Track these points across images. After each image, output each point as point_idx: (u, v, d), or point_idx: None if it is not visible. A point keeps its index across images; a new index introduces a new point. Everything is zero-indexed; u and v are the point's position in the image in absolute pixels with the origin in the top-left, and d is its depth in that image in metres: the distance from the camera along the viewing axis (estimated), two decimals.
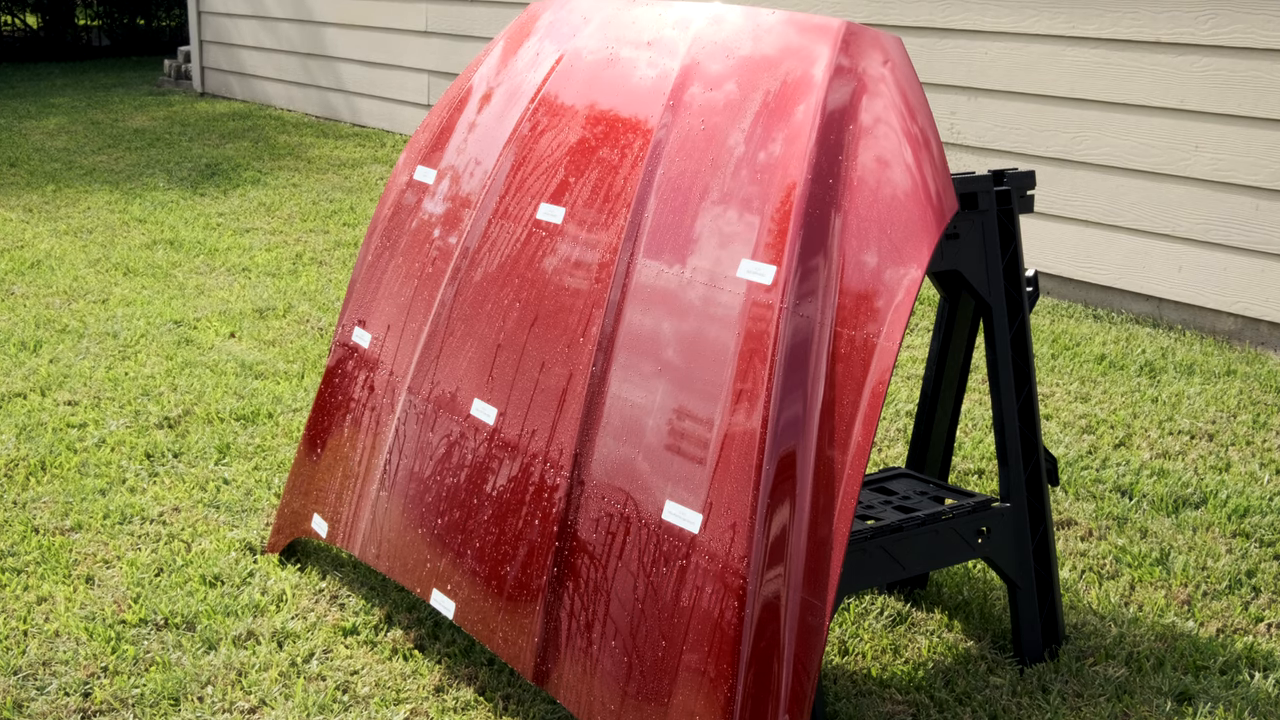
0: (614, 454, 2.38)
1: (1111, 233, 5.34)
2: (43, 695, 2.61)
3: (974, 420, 4.09)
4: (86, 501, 3.43)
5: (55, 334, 4.80)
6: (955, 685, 2.68)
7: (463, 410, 2.67)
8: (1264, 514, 3.48)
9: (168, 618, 2.88)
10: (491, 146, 2.84)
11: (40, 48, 14.95)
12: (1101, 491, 3.60)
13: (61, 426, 3.92)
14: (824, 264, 2.22)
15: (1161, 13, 5.01)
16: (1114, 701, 2.64)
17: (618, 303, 2.45)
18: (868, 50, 2.32)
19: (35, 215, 6.79)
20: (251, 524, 3.33)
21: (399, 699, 2.62)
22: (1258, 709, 2.63)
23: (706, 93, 2.50)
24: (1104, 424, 4.08)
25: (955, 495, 2.78)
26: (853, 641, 2.83)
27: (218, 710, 2.57)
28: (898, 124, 2.25)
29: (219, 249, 6.14)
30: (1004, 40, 5.54)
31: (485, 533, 2.57)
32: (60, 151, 8.65)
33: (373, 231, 3.07)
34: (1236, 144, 4.89)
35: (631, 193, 2.50)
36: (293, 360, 4.56)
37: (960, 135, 5.79)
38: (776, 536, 2.15)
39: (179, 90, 11.85)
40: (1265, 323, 4.91)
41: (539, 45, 2.91)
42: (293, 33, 10.38)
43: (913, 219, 2.19)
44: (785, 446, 2.17)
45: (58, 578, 3.06)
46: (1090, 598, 3.04)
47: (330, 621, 2.88)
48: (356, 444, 2.93)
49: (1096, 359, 4.70)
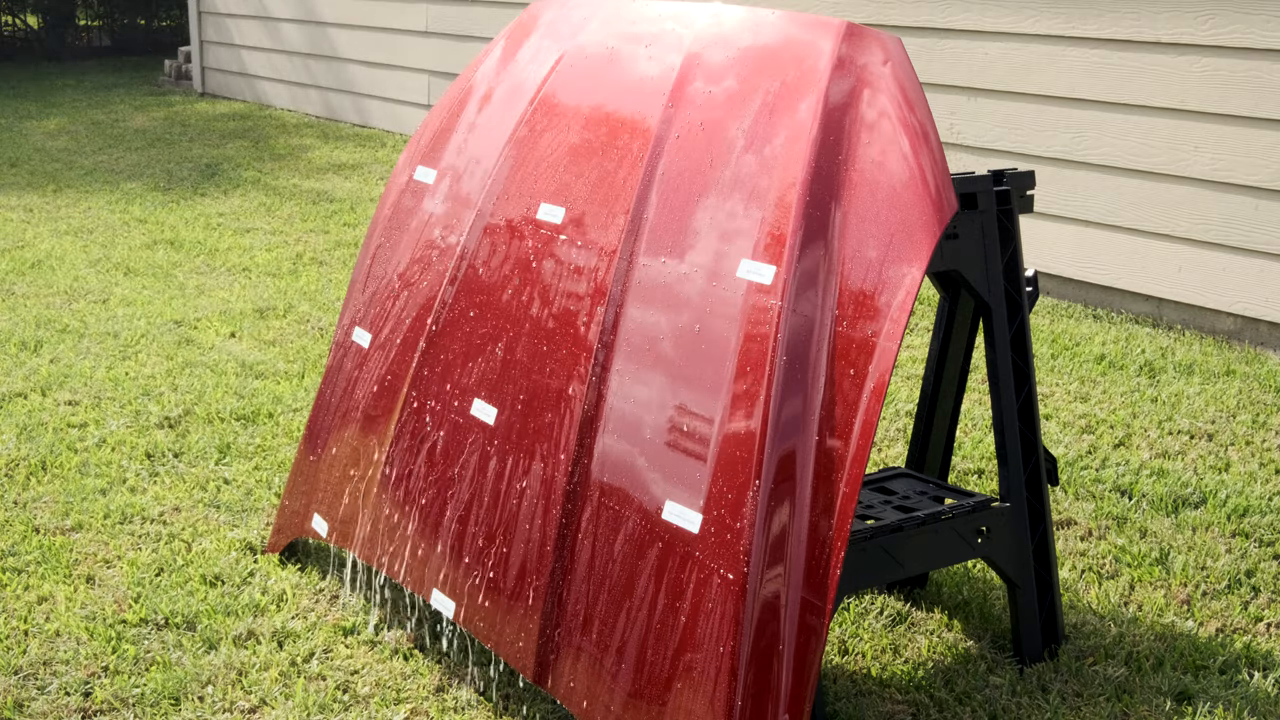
0: (614, 453, 2.39)
1: (1111, 233, 5.34)
2: (43, 695, 2.61)
3: (974, 420, 4.09)
4: (87, 501, 3.43)
5: (56, 334, 4.80)
6: (955, 685, 2.69)
7: (463, 410, 2.68)
8: (1263, 514, 3.48)
9: (168, 617, 2.89)
10: (492, 146, 2.84)
11: (41, 48, 14.95)
12: (1101, 491, 3.60)
13: (62, 426, 3.92)
14: (824, 263, 2.23)
15: (1161, 13, 5.01)
16: (1114, 701, 2.65)
17: (618, 302, 2.45)
18: (868, 49, 2.33)
19: (36, 215, 6.80)
20: (252, 524, 3.34)
21: (399, 699, 2.62)
22: (1257, 709, 2.63)
23: (708, 90, 2.50)
24: (1103, 424, 4.08)
25: (955, 495, 2.78)
26: (853, 641, 2.83)
27: (218, 710, 2.57)
28: (899, 122, 2.25)
29: (219, 249, 6.14)
30: (1004, 40, 5.55)
31: (485, 532, 2.57)
32: (61, 152, 8.65)
33: (373, 231, 3.08)
34: (1236, 144, 4.89)
35: (632, 192, 2.50)
36: (293, 360, 4.56)
37: (960, 135, 5.80)
38: (776, 536, 2.16)
39: (179, 90, 11.86)
40: (1265, 323, 4.91)
41: (539, 44, 2.91)
42: (293, 33, 10.38)
43: (913, 218, 2.19)
44: (785, 446, 2.17)
45: (58, 577, 3.06)
46: (1090, 597, 3.05)
47: (330, 621, 2.88)
48: (357, 444, 2.93)
49: (1096, 359, 4.70)
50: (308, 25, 10.18)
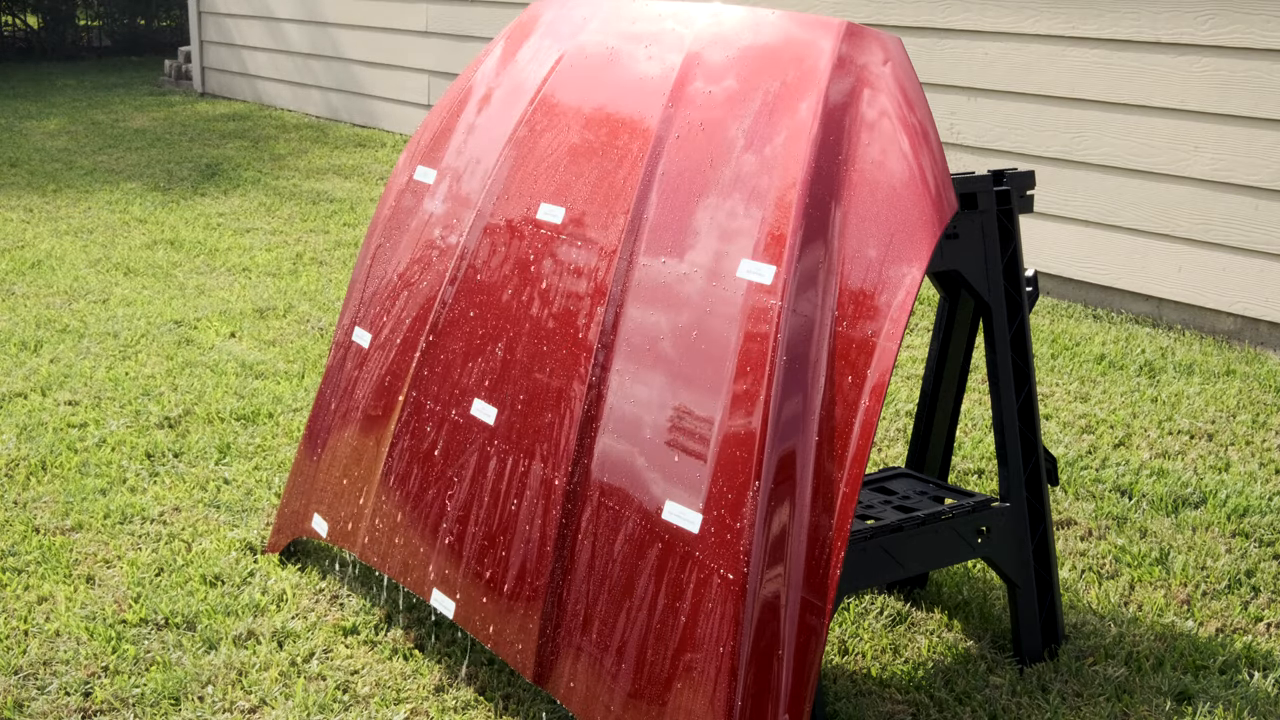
0: (614, 453, 2.39)
1: (1111, 233, 5.34)
2: (43, 695, 2.61)
3: (974, 420, 4.09)
4: (87, 501, 3.43)
5: (56, 334, 4.80)
6: (955, 685, 2.69)
7: (463, 410, 2.68)
8: (1263, 514, 3.48)
9: (168, 617, 2.89)
10: (492, 146, 2.84)
11: (41, 48, 14.95)
12: (1101, 491, 3.60)
13: (62, 426, 3.92)
14: (824, 263, 2.23)
15: (1161, 13, 5.01)
16: (1113, 701, 2.65)
17: (618, 302, 2.45)
18: (868, 48, 2.33)
19: (36, 215, 6.80)
20: (252, 524, 3.34)
21: (399, 699, 2.62)
22: (1257, 708, 2.63)
23: (708, 90, 2.50)
24: (1103, 424, 4.08)
25: (955, 495, 2.78)
26: (852, 641, 2.83)
27: (218, 710, 2.57)
28: (899, 122, 2.25)
29: (219, 249, 6.14)
30: (1004, 40, 5.55)
31: (485, 532, 2.57)
32: (61, 152, 8.65)
33: (373, 231, 3.08)
34: (1236, 144, 4.89)
35: (632, 192, 2.50)
36: (293, 360, 4.56)
37: (960, 135, 5.80)
38: (776, 536, 2.16)
39: (179, 90, 11.86)
40: (1265, 322, 4.91)
41: (539, 44, 2.91)
42: (293, 33, 10.38)
43: (913, 218, 2.19)
44: (785, 446, 2.17)
45: (58, 577, 3.06)
46: (1090, 597, 3.05)
47: (330, 621, 2.88)
48: (357, 444, 2.93)
49: (1096, 359, 4.70)
50: (308, 25, 10.18)
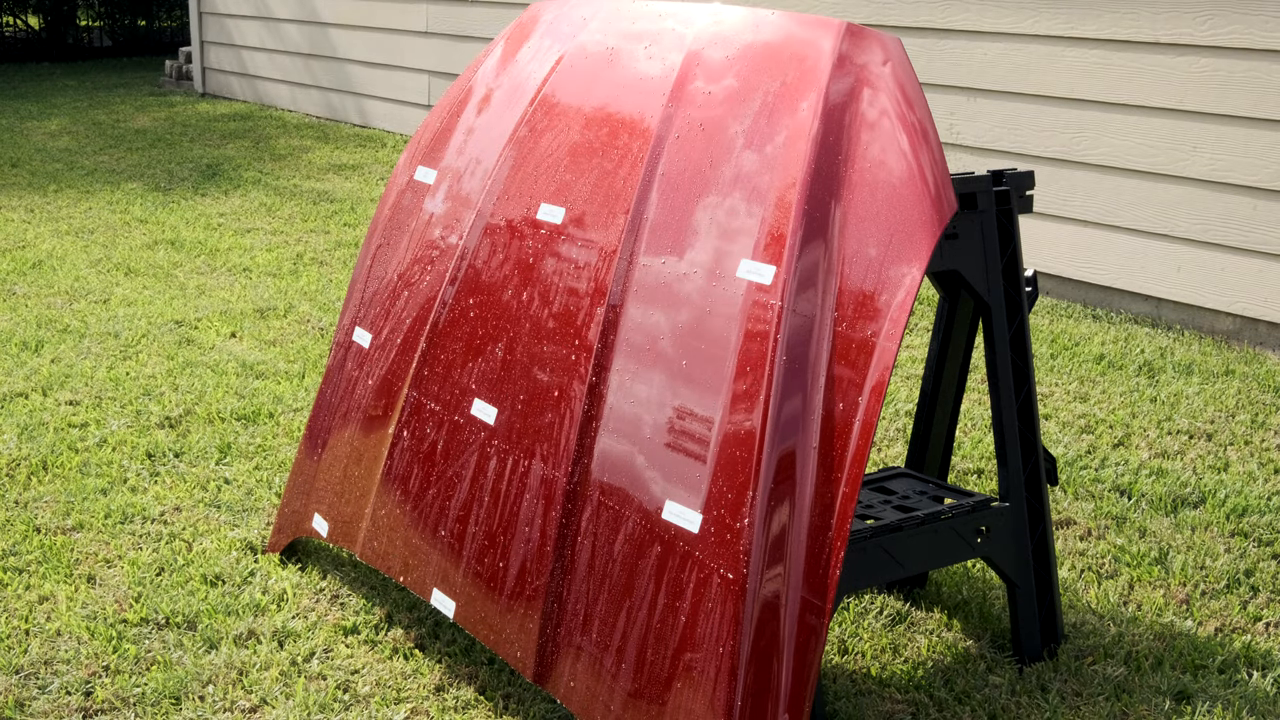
0: (614, 453, 2.39)
1: (1110, 233, 5.34)
2: (44, 694, 2.62)
3: (974, 420, 4.10)
4: (88, 501, 3.44)
5: (57, 334, 4.80)
6: (954, 684, 2.69)
7: (463, 410, 2.68)
8: (1262, 513, 3.48)
9: (169, 617, 2.89)
10: (492, 146, 2.84)
11: (42, 48, 14.95)
12: (1100, 491, 3.60)
13: (63, 426, 3.92)
14: (824, 263, 2.23)
15: (1160, 13, 5.01)
16: (1113, 700, 2.65)
17: (618, 301, 2.45)
18: (868, 48, 2.33)
19: (37, 215, 6.80)
20: (252, 523, 3.34)
21: (399, 698, 2.62)
22: (1256, 708, 2.64)
23: (708, 90, 2.50)
24: (1103, 424, 4.09)
25: (954, 495, 2.79)
26: (852, 641, 2.83)
27: (219, 709, 2.58)
28: (899, 122, 2.25)
29: (220, 249, 6.15)
30: (1003, 41, 5.55)
31: (485, 532, 2.58)
32: (62, 152, 8.65)
33: (373, 232, 3.08)
34: (1235, 144, 4.89)
35: (632, 192, 2.50)
36: (293, 360, 4.56)
37: (959, 135, 5.80)
38: (776, 536, 2.16)
39: (180, 91, 11.86)
40: (1264, 323, 4.91)
41: (539, 44, 2.92)
42: (294, 33, 10.38)
43: (913, 218, 2.19)
44: (785, 446, 2.17)
45: (59, 577, 3.06)
46: (1089, 597, 3.05)
47: (331, 621, 2.89)
48: (357, 444, 2.94)
49: (1095, 359, 4.71)
50: (308, 25, 10.19)
